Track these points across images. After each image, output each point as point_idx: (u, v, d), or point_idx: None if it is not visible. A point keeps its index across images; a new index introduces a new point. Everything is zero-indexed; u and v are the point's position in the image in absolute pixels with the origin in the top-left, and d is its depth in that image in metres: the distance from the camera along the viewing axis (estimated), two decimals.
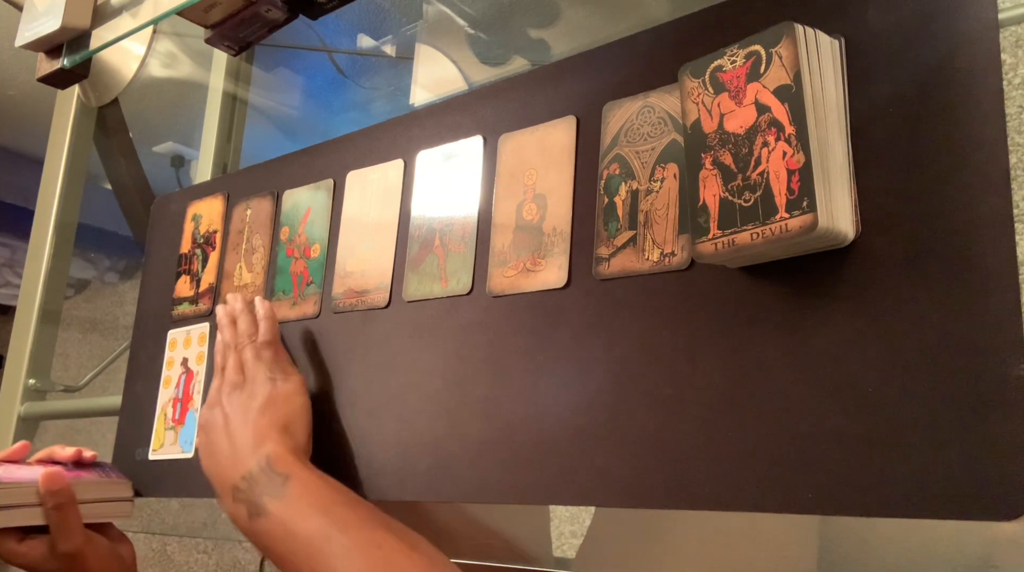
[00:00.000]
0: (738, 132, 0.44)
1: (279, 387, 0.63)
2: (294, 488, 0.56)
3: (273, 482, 0.56)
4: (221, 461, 0.61)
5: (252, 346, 0.66)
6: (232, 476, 0.59)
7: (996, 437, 0.39)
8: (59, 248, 1.22)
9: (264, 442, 0.59)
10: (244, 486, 0.57)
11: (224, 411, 0.63)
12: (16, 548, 0.64)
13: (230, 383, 0.65)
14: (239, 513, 0.57)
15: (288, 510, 0.55)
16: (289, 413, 0.62)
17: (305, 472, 0.57)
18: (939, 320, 0.41)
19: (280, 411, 0.62)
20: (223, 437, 0.62)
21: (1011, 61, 1.37)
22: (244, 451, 0.59)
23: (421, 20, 0.99)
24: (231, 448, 0.60)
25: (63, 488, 0.65)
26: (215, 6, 0.78)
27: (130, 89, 1.26)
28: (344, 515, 0.54)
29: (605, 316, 0.53)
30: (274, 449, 0.59)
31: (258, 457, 0.58)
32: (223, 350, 0.69)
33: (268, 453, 0.58)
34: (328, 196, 0.74)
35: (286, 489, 0.56)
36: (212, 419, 0.64)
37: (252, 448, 0.59)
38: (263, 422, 0.61)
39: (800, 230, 0.41)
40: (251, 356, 0.66)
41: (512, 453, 0.55)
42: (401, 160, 0.70)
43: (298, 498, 0.55)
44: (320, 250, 0.73)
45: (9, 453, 0.70)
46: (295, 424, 0.62)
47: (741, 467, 0.46)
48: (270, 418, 0.61)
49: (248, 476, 0.58)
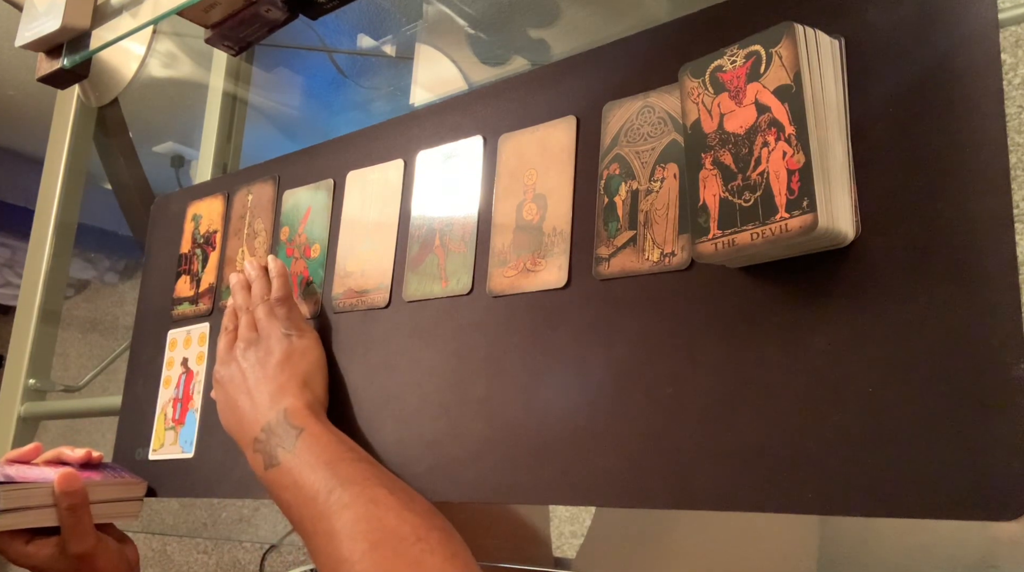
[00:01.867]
0: (738, 132, 0.44)
1: (295, 342, 0.65)
2: (305, 441, 0.57)
3: (288, 434, 0.58)
4: (242, 416, 0.62)
5: (266, 304, 0.67)
6: (253, 429, 0.61)
7: (996, 437, 0.39)
8: (59, 248, 1.22)
9: (283, 396, 0.61)
10: (263, 437, 0.59)
11: (240, 367, 0.64)
12: (24, 549, 0.64)
13: (245, 340, 0.66)
14: (257, 463, 0.59)
15: (297, 460, 0.56)
16: (307, 367, 0.64)
17: (318, 426, 0.59)
18: (939, 320, 0.41)
19: (298, 366, 0.63)
20: (242, 392, 0.63)
21: (1011, 61, 1.37)
22: (263, 405, 0.61)
23: (421, 20, 0.99)
24: (251, 403, 0.62)
25: (79, 489, 0.65)
26: (215, 6, 0.78)
27: (130, 89, 1.26)
28: (347, 471, 0.55)
29: (605, 316, 0.53)
30: (292, 402, 0.60)
31: (277, 410, 0.60)
32: (232, 313, 0.69)
33: (286, 406, 0.60)
34: (328, 196, 0.74)
35: (298, 442, 0.57)
36: (228, 375, 0.65)
37: (271, 402, 0.61)
38: (283, 377, 0.62)
39: (800, 230, 0.41)
40: (264, 313, 0.67)
41: (512, 453, 0.55)
42: (401, 160, 0.70)
43: (307, 450, 0.57)
44: (320, 250, 0.73)
45: (21, 454, 0.70)
46: (313, 378, 0.64)
47: (741, 467, 0.46)
48: (289, 373, 0.63)
49: (267, 428, 0.60)
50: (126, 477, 0.75)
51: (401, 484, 0.56)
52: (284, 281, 0.69)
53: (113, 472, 0.74)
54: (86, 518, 0.65)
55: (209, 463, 0.75)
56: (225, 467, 0.73)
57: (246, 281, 0.71)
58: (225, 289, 0.80)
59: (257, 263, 0.72)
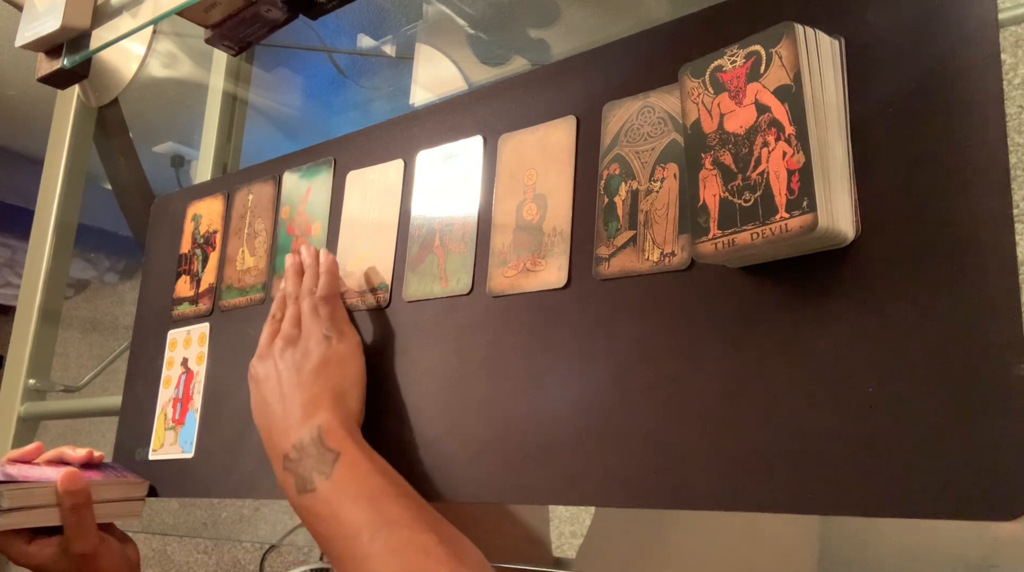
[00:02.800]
0: (738, 132, 0.44)
1: (334, 347, 0.62)
2: (343, 468, 0.54)
3: (323, 459, 0.55)
4: (272, 425, 0.59)
5: (311, 298, 0.65)
6: (283, 444, 0.58)
7: (996, 437, 0.39)
8: (59, 248, 1.22)
9: (317, 411, 0.58)
10: (295, 456, 0.56)
11: (276, 367, 0.62)
12: (26, 549, 0.64)
13: (285, 337, 0.63)
14: (288, 483, 0.56)
15: (335, 491, 0.53)
16: (343, 378, 0.61)
17: (356, 451, 0.56)
18: (939, 320, 0.41)
19: (334, 376, 0.60)
20: (275, 397, 0.60)
21: (1011, 61, 1.37)
22: (296, 417, 0.58)
23: (421, 20, 0.99)
24: (283, 412, 0.59)
25: (82, 489, 0.65)
26: (215, 6, 0.78)
27: (130, 89, 1.26)
28: (393, 510, 0.52)
29: (605, 316, 0.53)
30: (327, 420, 0.57)
31: (310, 427, 0.57)
32: (282, 299, 0.67)
33: (320, 424, 0.57)
34: (328, 174, 0.74)
35: (335, 468, 0.54)
36: (264, 373, 0.63)
37: (304, 416, 0.58)
38: (317, 387, 0.59)
39: (800, 230, 0.41)
40: (308, 309, 0.64)
41: (512, 453, 0.55)
42: (401, 160, 0.70)
43: (347, 481, 0.54)
44: (321, 228, 0.73)
45: (22, 453, 0.70)
46: (349, 390, 0.61)
47: (741, 467, 0.46)
48: (324, 383, 0.60)
49: (299, 446, 0.56)
50: (128, 477, 0.75)
51: (448, 528, 0.53)
52: (332, 278, 0.66)
53: (115, 472, 0.74)
54: (89, 518, 0.65)
55: (209, 463, 0.75)
56: (225, 467, 0.73)
57: (300, 266, 0.68)
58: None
59: (313, 250, 0.68)
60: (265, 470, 0.70)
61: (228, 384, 0.76)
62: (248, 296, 0.77)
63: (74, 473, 0.65)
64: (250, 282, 0.78)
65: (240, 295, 0.78)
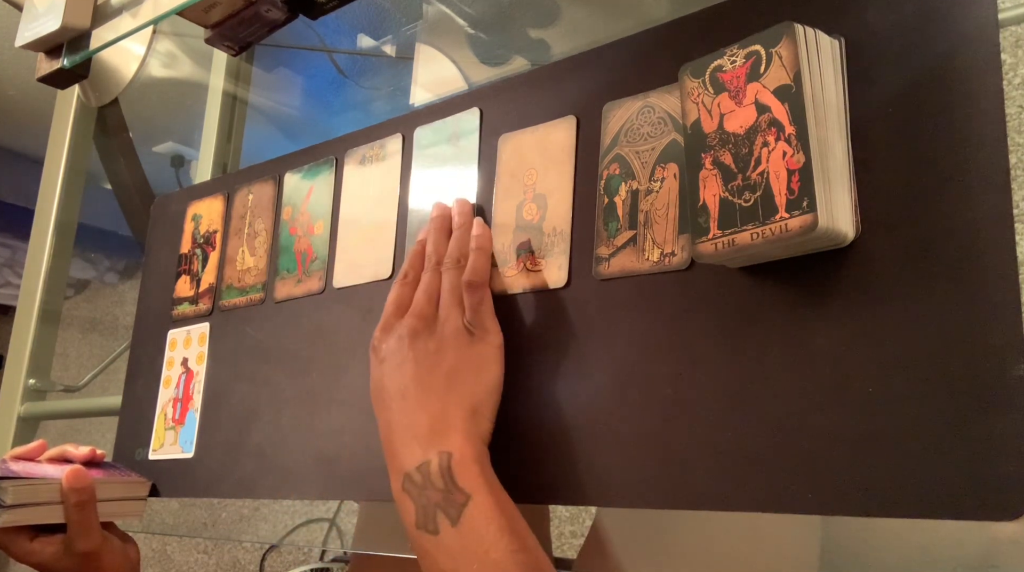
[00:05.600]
0: (738, 132, 0.44)
1: (475, 349, 0.54)
2: (473, 517, 0.48)
3: (451, 499, 0.49)
4: (394, 427, 0.53)
5: (455, 274, 0.56)
6: (406, 458, 0.51)
7: (996, 437, 0.39)
8: (59, 248, 1.22)
9: (447, 430, 0.51)
10: (418, 480, 0.51)
11: (403, 352, 0.54)
12: (29, 546, 0.64)
13: (418, 314, 0.55)
14: (407, 509, 0.51)
15: (461, 541, 0.48)
16: (481, 389, 0.54)
17: (488, 496, 0.49)
18: (939, 320, 0.41)
19: (470, 385, 0.53)
20: (398, 393, 0.53)
21: (1011, 61, 1.37)
22: (422, 430, 0.52)
23: (421, 20, 0.99)
24: (407, 417, 0.52)
25: (87, 486, 0.65)
26: (215, 6, 0.78)
27: (130, 89, 1.26)
28: None
29: (605, 316, 0.53)
30: (458, 447, 0.51)
31: (440, 451, 0.50)
32: (418, 257, 0.58)
33: (451, 451, 0.50)
34: (330, 172, 0.74)
35: (464, 514, 0.49)
36: (388, 351, 0.55)
37: (432, 432, 0.51)
38: (450, 398, 0.52)
39: (800, 230, 0.41)
40: (449, 290, 0.56)
41: (512, 453, 0.55)
42: (400, 160, 0.70)
43: (475, 532, 0.48)
44: (324, 227, 0.73)
45: (26, 451, 0.70)
46: (484, 405, 0.54)
47: (741, 467, 0.46)
48: (459, 394, 0.53)
49: (424, 470, 0.50)
50: (131, 476, 0.75)
51: None
52: (484, 258, 0.57)
53: (117, 471, 0.74)
54: (93, 515, 0.65)
55: (209, 463, 0.75)
56: (225, 467, 0.73)
57: (448, 223, 0.59)
58: (227, 287, 0.80)
59: (468, 207, 0.59)
60: (265, 470, 0.70)
61: (228, 384, 0.76)
62: (248, 296, 0.77)
63: (79, 470, 0.65)
64: (250, 282, 0.78)
65: (240, 295, 0.78)
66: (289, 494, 0.68)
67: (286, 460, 0.69)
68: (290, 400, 0.71)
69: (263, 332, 0.75)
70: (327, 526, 1.94)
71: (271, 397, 0.72)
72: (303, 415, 0.69)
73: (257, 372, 0.74)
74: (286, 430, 0.70)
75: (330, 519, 1.92)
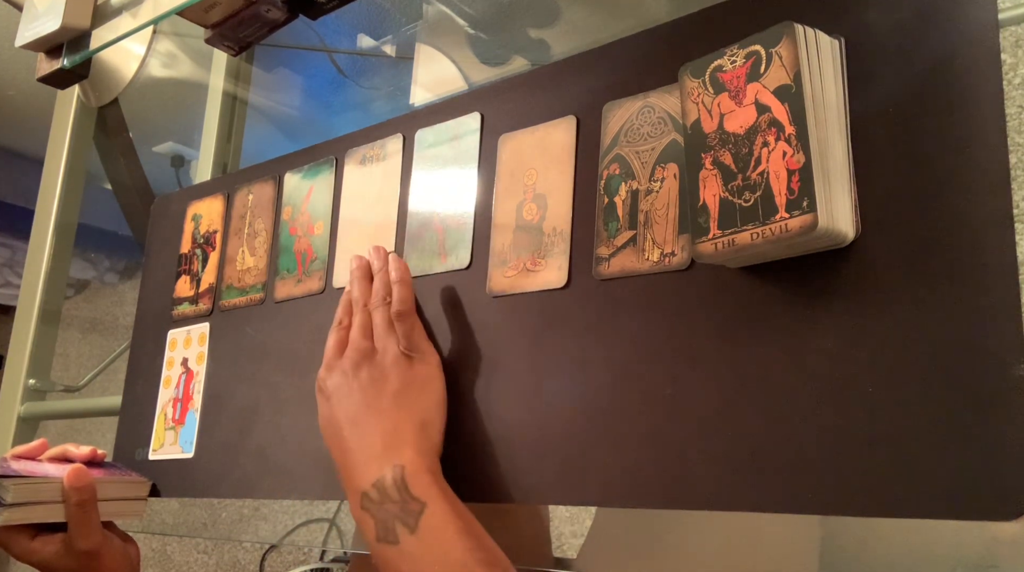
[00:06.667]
0: (738, 132, 0.44)
1: (416, 369, 0.57)
2: (430, 524, 0.50)
3: (408, 509, 0.51)
4: (348, 453, 0.55)
5: (384, 310, 0.59)
6: (361, 479, 0.53)
7: (996, 437, 0.39)
8: (59, 248, 1.22)
9: (399, 445, 0.53)
10: (375, 496, 0.52)
11: (349, 383, 0.57)
12: (29, 545, 0.64)
13: (357, 349, 0.58)
14: (366, 525, 0.52)
15: (420, 548, 0.50)
16: (426, 405, 0.56)
17: (443, 504, 0.51)
18: (939, 320, 0.41)
19: (416, 402, 0.56)
20: (349, 421, 0.55)
21: (1011, 61, 1.37)
22: (375, 450, 0.54)
23: (421, 20, 0.99)
24: (360, 440, 0.54)
25: (88, 485, 0.65)
26: (215, 6, 0.78)
27: (130, 89, 1.26)
28: None
29: (605, 316, 0.53)
30: (410, 459, 0.53)
31: (392, 466, 0.53)
32: (347, 305, 0.61)
33: (404, 464, 0.52)
34: (330, 172, 0.74)
35: (421, 522, 0.50)
36: (335, 386, 0.57)
37: (385, 449, 0.53)
38: (398, 415, 0.55)
39: (800, 230, 0.41)
40: (382, 321, 0.58)
41: (512, 453, 0.55)
42: (400, 160, 0.70)
43: (433, 538, 0.50)
44: (324, 227, 0.73)
45: (27, 450, 0.69)
46: (432, 420, 0.56)
47: (741, 467, 0.46)
48: (407, 411, 0.55)
49: (380, 485, 0.52)
50: (131, 476, 0.75)
51: None
52: (406, 289, 0.59)
53: (118, 471, 0.74)
54: (94, 515, 0.65)
55: (209, 463, 0.75)
56: (225, 467, 0.73)
57: (368, 270, 0.62)
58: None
59: (383, 252, 0.62)
60: (265, 470, 0.70)
61: (228, 384, 0.76)
62: (248, 296, 0.77)
63: (81, 469, 0.65)
64: (250, 282, 0.78)
65: (240, 295, 0.78)
66: (289, 494, 0.68)
67: (286, 460, 0.69)
68: (290, 400, 0.71)
69: (263, 332, 0.75)
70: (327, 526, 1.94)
71: (271, 397, 0.72)
72: (303, 415, 0.69)
73: (257, 372, 0.74)
74: (286, 430, 0.70)
75: (330, 519, 1.92)
